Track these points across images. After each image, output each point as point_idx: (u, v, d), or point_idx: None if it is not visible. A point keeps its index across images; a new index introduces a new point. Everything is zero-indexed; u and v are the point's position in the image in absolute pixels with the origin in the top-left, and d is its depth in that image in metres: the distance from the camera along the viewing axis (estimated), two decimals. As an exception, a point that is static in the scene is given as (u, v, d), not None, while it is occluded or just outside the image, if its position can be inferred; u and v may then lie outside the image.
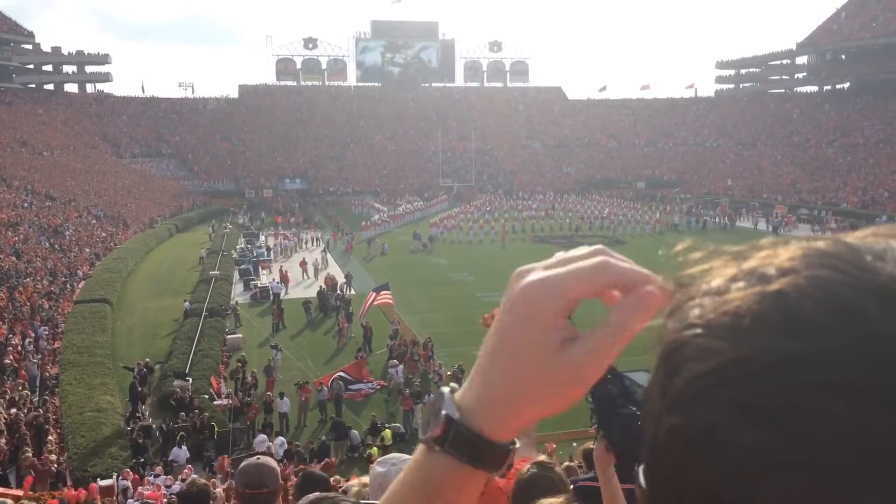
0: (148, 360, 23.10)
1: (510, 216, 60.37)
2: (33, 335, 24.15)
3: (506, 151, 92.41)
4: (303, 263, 39.71)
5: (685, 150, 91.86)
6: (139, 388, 20.68)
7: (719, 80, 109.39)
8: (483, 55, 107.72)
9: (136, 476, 15.29)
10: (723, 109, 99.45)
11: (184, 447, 17.18)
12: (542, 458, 3.51)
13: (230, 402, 20.46)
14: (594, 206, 65.67)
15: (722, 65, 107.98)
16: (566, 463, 4.76)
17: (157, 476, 15.48)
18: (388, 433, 18.35)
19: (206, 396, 20.49)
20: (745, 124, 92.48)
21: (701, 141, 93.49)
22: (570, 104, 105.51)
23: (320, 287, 33.42)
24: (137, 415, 19.47)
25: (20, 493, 13.63)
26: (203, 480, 6.33)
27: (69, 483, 15.25)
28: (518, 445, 0.68)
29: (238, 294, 34.88)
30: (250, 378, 21.85)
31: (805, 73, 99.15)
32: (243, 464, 3.66)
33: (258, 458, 3.57)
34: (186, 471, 15.43)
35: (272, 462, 3.68)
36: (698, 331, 0.48)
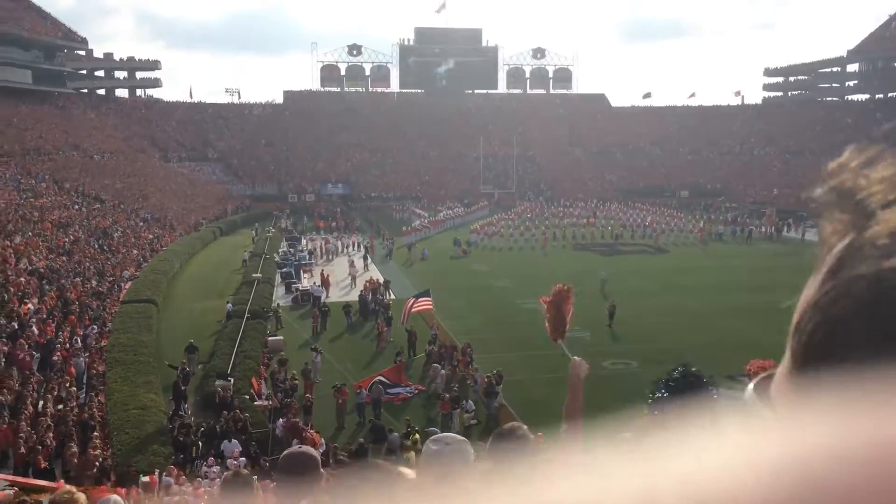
0: (184, 361, 23.39)
1: (551, 223, 60.04)
2: (82, 333, 24.72)
3: (548, 158, 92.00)
4: (352, 265, 40.05)
5: (731, 159, 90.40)
6: (182, 387, 21.03)
7: (767, 87, 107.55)
8: (526, 62, 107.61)
9: (180, 472, 15.56)
10: (770, 117, 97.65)
11: (234, 440, 17.48)
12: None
13: (270, 403, 20.67)
14: (636, 214, 64.97)
15: (770, 72, 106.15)
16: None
17: (210, 467, 15.83)
18: (416, 436, 18.29)
19: (247, 397, 20.74)
20: (793, 132, 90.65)
21: (747, 149, 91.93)
22: (613, 111, 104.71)
23: (361, 292, 33.63)
24: (180, 413, 19.78)
25: (56, 485, 13.92)
26: (246, 471, 6.40)
27: (113, 478, 15.55)
28: None
29: (280, 297, 35.29)
30: (291, 380, 22.08)
31: (856, 81, 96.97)
32: (286, 452, 3.72)
33: (301, 447, 3.61)
34: (234, 462, 15.69)
35: (313, 450, 3.71)
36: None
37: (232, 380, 21.42)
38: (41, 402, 18.99)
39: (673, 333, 27.91)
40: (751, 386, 0.56)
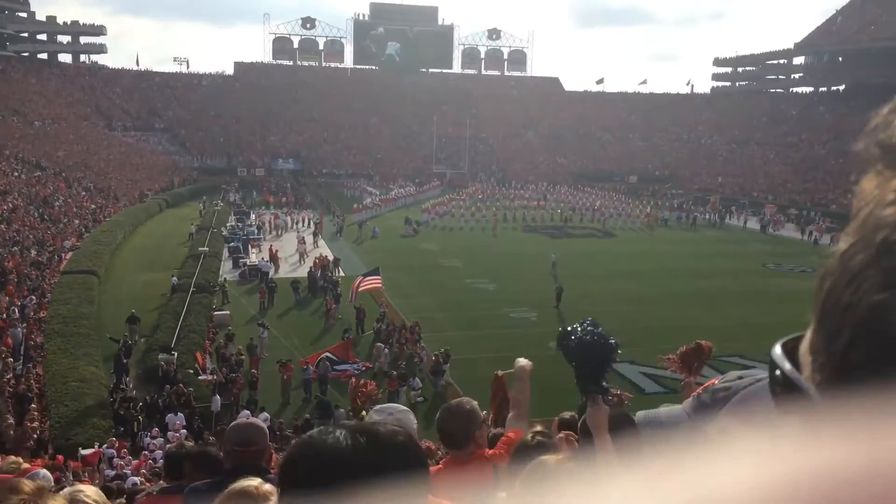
0: (126, 334, 23.00)
1: (502, 205, 60.43)
2: (20, 303, 24.05)
3: (500, 140, 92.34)
4: (302, 241, 39.70)
5: (679, 146, 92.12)
6: (124, 360, 20.67)
7: (716, 77, 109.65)
8: (481, 42, 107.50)
9: (122, 443, 15.38)
10: (718, 107, 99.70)
11: (179, 413, 17.32)
12: (539, 427, 3.64)
13: (215, 377, 20.47)
14: (586, 197, 65.77)
15: (719, 62, 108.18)
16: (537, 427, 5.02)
17: (153, 438, 15.69)
18: (363, 413, 18.36)
19: (191, 371, 20.50)
20: (739, 122, 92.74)
21: (695, 137, 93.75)
22: (567, 95, 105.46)
23: (310, 268, 33.40)
24: (122, 386, 19.45)
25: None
26: (191, 443, 6.38)
27: (50, 451, 15.26)
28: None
29: (227, 271, 34.80)
30: (236, 355, 21.88)
31: (802, 74, 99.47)
32: (233, 423, 3.72)
33: (248, 418, 3.63)
34: (176, 435, 15.57)
35: (261, 422, 3.72)
36: None
37: (175, 354, 21.14)
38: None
39: (619, 316, 28.42)
40: (778, 347, 0.55)
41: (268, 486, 2.34)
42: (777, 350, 0.55)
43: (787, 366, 0.53)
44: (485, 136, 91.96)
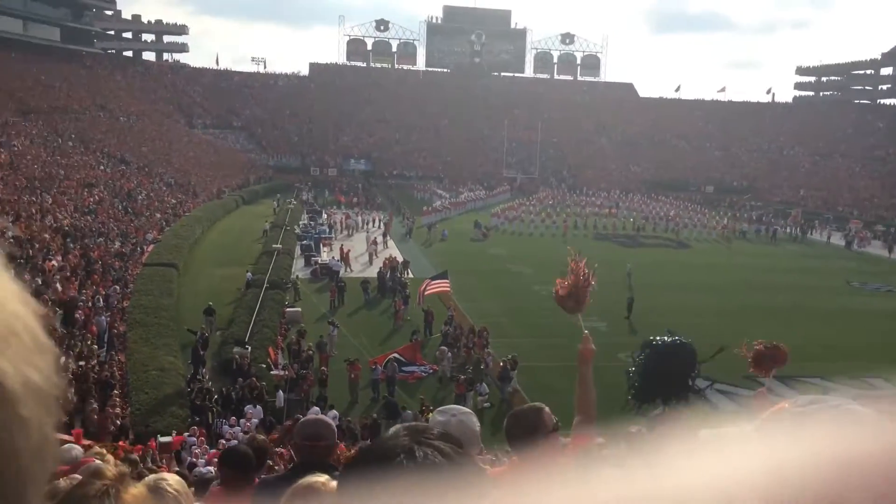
0: (203, 326, 23.59)
1: (573, 211, 59.76)
2: (104, 293, 24.96)
3: (572, 145, 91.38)
4: (375, 242, 40.31)
5: (758, 156, 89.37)
6: (201, 352, 21.21)
7: (799, 86, 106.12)
8: (554, 47, 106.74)
9: (202, 432, 15.84)
10: (801, 117, 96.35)
11: (258, 406, 17.73)
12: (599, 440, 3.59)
13: (286, 373, 20.81)
14: (660, 206, 64.46)
15: (802, 71, 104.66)
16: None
17: (231, 427, 16.14)
18: (430, 415, 18.36)
19: (264, 366, 20.89)
20: (823, 133, 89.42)
21: (776, 148, 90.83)
22: (641, 101, 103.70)
23: (380, 268, 33.70)
24: (198, 377, 19.96)
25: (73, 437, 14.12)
26: (263, 437, 6.46)
27: (131, 437, 15.75)
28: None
29: (299, 269, 35.41)
30: (308, 351, 22.22)
31: (889, 85, 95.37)
32: (303, 419, 3.78)
33: (318, 414, 3.68)
34: (248, 424, 15.97)
35: (329, 419, 3.75)
36: None
37: (249, 348, 21.58)
38: (62, 359, 19.22)
39: (690, 329, 27.66)
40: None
41: (334, 484, 2.36)
42: None
43: None
44: (556, 142, 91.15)
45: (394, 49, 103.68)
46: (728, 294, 33.96)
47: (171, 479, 2.76)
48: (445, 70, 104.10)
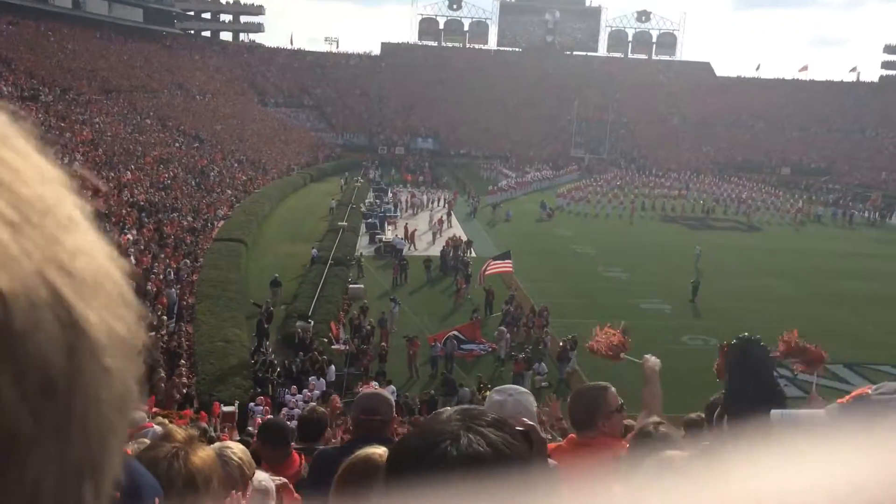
0: (267, 300, 24.17)
1: (640, 193, 58.63)
2: (175, 266, 25.89)
3: (644, 126, 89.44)
4: (440, 221, 40.58)
5: (839, 138, 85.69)
6: (265, 325, 21.82)
7: (886, 65, 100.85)
8: (629, 25, 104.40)
9: (268, 400, 16.42)
10: (887, 97, 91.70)
11: (321, 379, 18.19)
12: (655, 419, 3.52)
13: (347, 347, 21.23)
14: (731, 188, 62.64)
15: (890, 49, 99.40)
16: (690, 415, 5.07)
17: (293, 395, 16.72)
18: (487, 392, 18.43)
19: (325, 340, 21.35)
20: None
21: (858, 129, 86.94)
22: (717, 81, 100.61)
23: (443, 247, 33.86)
24: (262, 350, 20.56)
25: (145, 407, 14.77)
26: (322, 409, 6.65)
27: (196, 405, 16.37)
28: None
29: (363, 246, 35.87)
30: (368, 327, 22.58)
31: None
32: (360, 393, 3.87)
33: (375, 388, 3.75)
34: (309, 394, 16.46)
35: (387, 394, 3.82)
36: None
37: (312, 322, 22.08)
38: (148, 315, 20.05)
39: (758, 315, 26.97)
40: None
41: None
42: None
43: None
44: (627, 122, 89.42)
45: (466, 28, 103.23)
46: (798, 279, 32.87)
47: (236, 448, 2.90)
48: (517, 49, 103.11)
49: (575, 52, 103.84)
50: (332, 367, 19.69)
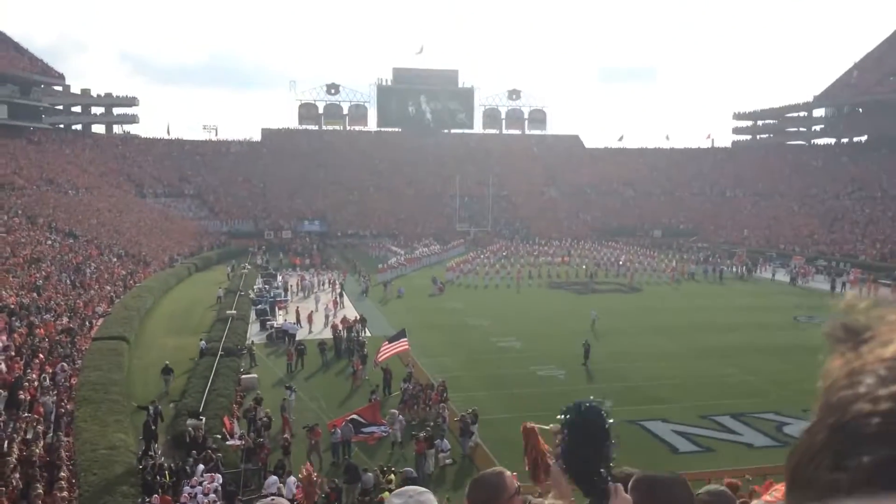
0: (154, 400, 23.06)
1: (526, 262, 60.49)
2: (51, 371, 24.34)
3: (523, 197, 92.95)
4: (335, 303, 40.21)
5: (702, 200, 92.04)
6: (153, 427, 20.72)
7: (737, 130, 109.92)
8: (502, 103, 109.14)
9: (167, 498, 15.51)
10: (740, 160, 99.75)
11: (217, 475, 17.32)
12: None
13: (243, 442, 20.42)
14: (611, 252, 65.67)
15: (739, 116, 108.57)
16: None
17: (193, 487, 15.81)
18: (393, 478, 18.15)
19: (219, 436, 20.48)
20: (762, 175, 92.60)
21: (718, 191, 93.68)
22: (587, 152, 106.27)
23: (335, 329, 33.53)
24: (150, 453, 19.47)
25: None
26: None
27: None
28: None
29: (254, 334, 35.04)
30: (264, 418, 21.86)
31: (822, 126, 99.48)
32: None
33: (272, 500, 3.67)
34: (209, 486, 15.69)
35: (285, 502, 3.76)
36: (883, 406, 0.46)
37: (203, 419, 21.15)
38: (7, 443, 18.59)
39: (646, 372, 28.14)
40: None
41: None
42: None
43: None
44: (507, 194, 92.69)
45: (345, 111, 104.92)
46: (679, 335, 34.58)
47: None
48: (397, 130, 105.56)
49: (452, 130, 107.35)
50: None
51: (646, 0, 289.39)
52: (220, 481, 17.17)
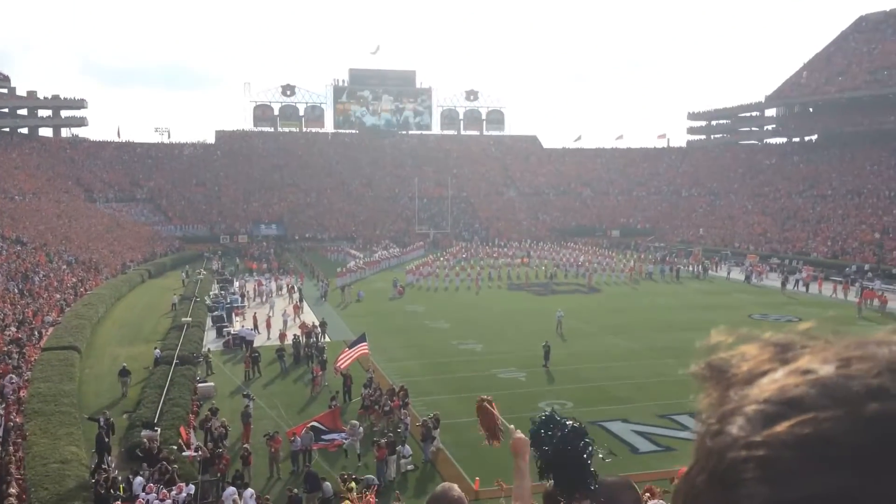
0: (105, 411, 22.41)
1: (486, 263, 60.56)
2: (-2, 383, 23.54)
3: (482, 199, 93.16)
4: (295, 308, 39.77)
5: (659, 200, 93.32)
6: (106, 439, 20.14)
7: (691, 130, 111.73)
8: (460, 104, 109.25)
9: None
10: (695, 160, 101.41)
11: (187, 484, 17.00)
12: None
13: (200, 453, 19.97)
14: (569, 253, 66.11)
15: (693, 116, 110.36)
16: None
17: (148, 494, 15.46)
18: (352, 485, 17.87)
19: (175, 447, 19.99)
20: (716, 174, 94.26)
21: (674, 190, 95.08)
22: (545, 152, 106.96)
23: (294, 335, 33.08)
24: (103, 466, 18.91)
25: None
26: None
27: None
28: None
29: (211, 341, 34.40)
30: (221, 428, 21.40)
31: (774, 126, 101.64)
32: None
33: (233, 495, 3.48)
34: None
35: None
36: (758, 452, 0.47)
37: (159, 430, 20.63)
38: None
39: (606, 372, 28.33)
40: None
41: None
42: None
43: None
44: (466, 196, 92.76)
45: (301, 113, 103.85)
46: (638, 335, 34.90)
47: None
48: (353, 131, 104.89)
49: (410, 132, 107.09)
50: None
51: (603, 2, 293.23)
52: (192, 490, 16.82)
